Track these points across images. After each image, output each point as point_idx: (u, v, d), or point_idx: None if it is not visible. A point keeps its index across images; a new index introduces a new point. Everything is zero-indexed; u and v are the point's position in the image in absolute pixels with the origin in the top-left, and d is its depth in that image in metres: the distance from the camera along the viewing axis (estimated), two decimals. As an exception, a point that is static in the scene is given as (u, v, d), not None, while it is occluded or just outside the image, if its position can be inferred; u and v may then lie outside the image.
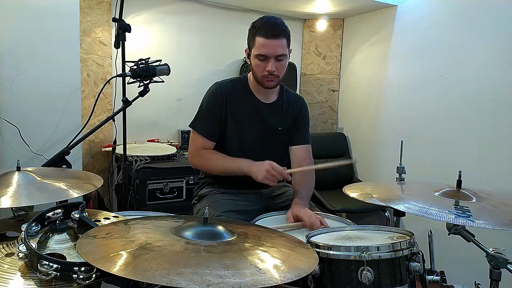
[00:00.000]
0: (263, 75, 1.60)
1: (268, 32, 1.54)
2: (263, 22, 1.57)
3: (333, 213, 2.57)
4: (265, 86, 1.65)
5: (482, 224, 1.06)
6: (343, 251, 1.09)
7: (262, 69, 1.59)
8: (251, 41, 1.61)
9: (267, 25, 1.55)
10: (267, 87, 1.65)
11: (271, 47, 1.55)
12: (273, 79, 1.61)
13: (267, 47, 1.55)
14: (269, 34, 1.54)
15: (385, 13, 3.24)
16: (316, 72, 3.76)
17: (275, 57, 1.57)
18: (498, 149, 2.38)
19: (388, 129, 3.23)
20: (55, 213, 1.07)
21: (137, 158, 2.59)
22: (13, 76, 2.04)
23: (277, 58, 1.57)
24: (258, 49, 1.57)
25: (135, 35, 2.68)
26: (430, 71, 2.82)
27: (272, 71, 1.57)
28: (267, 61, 1.57)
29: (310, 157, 1.80)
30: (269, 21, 1.57)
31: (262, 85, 1.65)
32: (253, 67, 1.63)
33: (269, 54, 1.56)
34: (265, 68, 1.58)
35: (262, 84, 1.65)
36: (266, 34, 1.54)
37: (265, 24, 1.56)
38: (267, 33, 1.54)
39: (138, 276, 0.75)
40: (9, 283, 0.88)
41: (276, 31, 1.55)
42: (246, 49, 1.67)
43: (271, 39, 1.54)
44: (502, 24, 2.36)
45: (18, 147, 2.04)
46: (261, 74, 1.61)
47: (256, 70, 1.62)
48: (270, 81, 1.61)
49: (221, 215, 1.57)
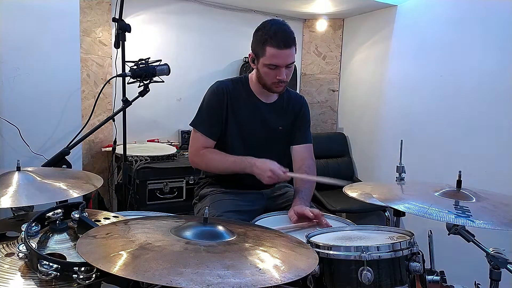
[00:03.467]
0: (273, 82, 1.61)
1: (280, 43, 1.52)
2: (273, 31, 1.53)
3: (333, 213, 2.57)
4: (273, 92, 1.66)
5: (482, 224, 1.06)
6: (343, 251, 1.09)
7: (272, 77, 1.59)
8: (260, 49, 1.57)
9: (279, 35, 1.53)
10: (275, 92, 1.67)
11: (282, 57, 1.55)
12: (282, 85, 1.63)
13: (279, 57, 1.54)
14: (281, 45, 1.53)
15: (385, 13, 3.24)
16: (316, 72, 3.76)
17: (286, 65, 1.57)
18: (498, 149, 2.38)
19: (388, 129, 3.23)
20: (55, 213, 1.06)
21: (137, 158, 2.59)
22: (13, 76, 2.04)
23: (287, 66, 1.58)
24: (269, 59, 1.55)
25: (135, 35, 2.68)
26: (430, 71, 2.83)
27: (284, 79, 1.59)
28: (278, 69, 1.57)
29: (312, 156, 1.80)
30: (280, 30, 1.54)
31: (270, 90, 1.65)
32: (262, 74, 1.61)
33: (281, 64, 1.56)
34: (275, 76, 1.58)
35: (270, 90, 1.65)
36: (278, 45, 1.52)
37: (277, 34, 1.53)
38: (279, 44, 1.52)
39: (138, 276, 0.75)
40: (9, 283, 0.88)
41: (288, 42, 1.54)
42: (250, 54, 1.64)
43: (283, 49, 1.53)
44: (502, 24, 2.36)
45: (18, 147, 2.04)
46: (271, 82, 1.61)
47: (266, 78, 1.61)
48: (280, 86, 1.63)
49: (221, 215, 1.57)
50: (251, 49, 1.64)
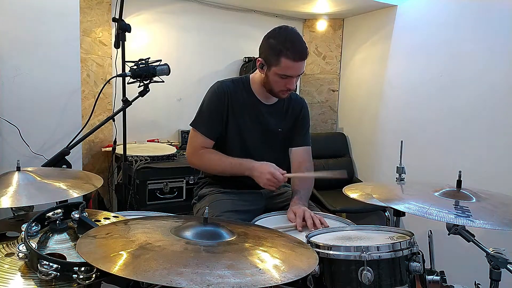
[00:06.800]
0: (281, 90, 1.62)
1: (296, 55, 1.52)
2: (290, 42, 1.52)
3: (333, 213, 2.57)
4: (279, 97, 1.69)
5: (482, 224, 1.06)
6: (343, 251, 1.09)
7: (282, 86, 1.60)
8: (273, 58, 1.55)
9: (296, 48, 1.52)
10: (281, 98, 1.69)
11: (297, 69, 1.55)
12: (289, 92, 1.65)
13: (294, 69, 1.55)
14: (297, 57, 1.53)
15: (385, 13, 3.24)
16: (316, 72, 3.76)
17: (297, 75, 1.59)
18: (498, 149, 2.38)
19: (388, 129, 3.23)
20: (55, 213, 1.07)
21: (137, 158, 2.59)
22: (13, 76, 2.04)
23: (298, 75, 1.60)
24: (283, 70, 1.55)
25: (135, 35, 2.69)
26: (430, 71, 2.82)
27: (293, 88, 1.60)
28: (289, 79, 1.57)
29: (310, 158, 1.80)
30: (297, 42, 1.54)
31: (276, 96, 1.67)
32: (271, 82, 1.61)
33: (294, 75, 1.57)
34: (285, 85, 1.59)
35: (276, 96, 1.67)
36: (294, 57, 1.52)
37: (293, 47, 1.52)
38: (295, 56, 1.52)
39: (138, 276, 0.75)
40: (9, 283, 0.88)
41: (304, 54, 1.54)
42: (259, 60, 1.62)
43: (298, 61, 1.54)
44: (502, 24, 2.36)
45: (18, 147, 2.04)
46: (279, 89, 1.62)
47: (275, 85, 1.61)
48: (286, 93, 1.65)
49: (221, 215, 1.57)
50: (260, 55, 1.61)
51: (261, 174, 1.53)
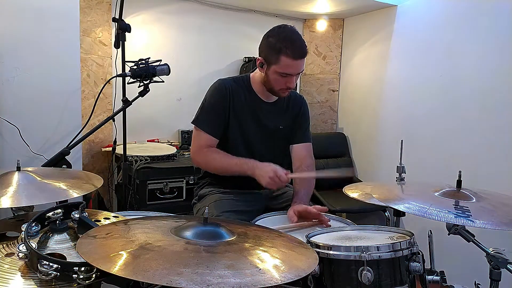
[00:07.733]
0: (281, 88, 1.62)
1: (296, 53, 1.53)
2: (289, 40, 1.53)
3: (333, 213, 2.57)
4: (279, 96, 1.69)
5: (482, 224, 1.06)
6: (343, 251, 1.09)
7: (282, 84, 1.61)
8: (273, 57, 1.56)
9: (296, 46, 1.53)
10: (281, 96, 1.70)
11: (296, 67, 1.56)
12: (288, 91, 1.65)
13: (293, 67, 1.56)
14: (297, 55, 1.54)
15: (385, 13, 3.24)
16: (316, 72, 3.76)
17: (297, 73, 1.60)
18: (498, 149, 2.38)
19: (388, 129, 3.23)
20: (55, 213, 1.07)
21: (137, 158, 2.59)
22: (13, 76, 2.04)
23: (297, 73, 1.61)
24: (282, 68, 1.55)
25: (135, 35, 2.69)
26: (430, 71, 2.82)
27: (293, 87, 1.61)
28: (289, 77, 1.58)
29: (311, 155, 1.81)
30: (296, 40, 1.55)
31: (276, 95, 1.68)
32: (271, 80, 1.61)
33: (294, 73, 1.58)
34: (285, 83, 1.60)
35: (276, 94, 1.68)
36: (294, 55, 1.53)
37: (293, 44, 1.53)
38: (295, 54, 1.53)
39: (138, 276, 0.75)
40: (9, 283, 0.88)
41: (303, 52, 1.55)
42: (259, 59, 1.62)
43: (298, 60, 1.55)
44: (501, 24, 2.36)
45: (18, 147, 2.04)
46: (279, 88, 1.62)
47: (275, 84, 1.62)
48: (286, 92, 1.65)
49: (221, 215, 1.57)
50: (260, 54, 1.62)
51: (264, 172, 1.53)
